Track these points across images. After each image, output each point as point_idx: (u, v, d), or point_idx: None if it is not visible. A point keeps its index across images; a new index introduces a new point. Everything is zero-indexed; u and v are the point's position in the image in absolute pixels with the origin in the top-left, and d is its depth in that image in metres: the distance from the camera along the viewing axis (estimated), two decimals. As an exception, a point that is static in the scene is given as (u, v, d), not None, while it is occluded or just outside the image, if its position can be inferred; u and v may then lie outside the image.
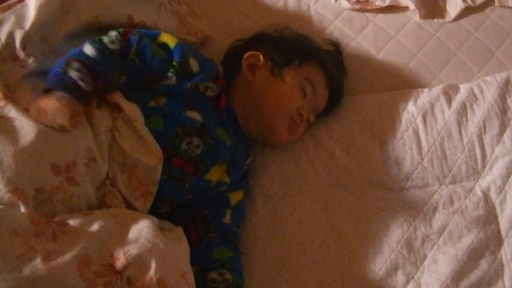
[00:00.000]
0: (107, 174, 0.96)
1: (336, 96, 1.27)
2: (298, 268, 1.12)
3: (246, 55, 1.19)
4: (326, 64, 1.25)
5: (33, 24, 1.02)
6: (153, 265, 0.83)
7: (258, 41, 1.25)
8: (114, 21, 1.12)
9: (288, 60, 1.19)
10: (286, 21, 1.38)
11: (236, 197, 1.15)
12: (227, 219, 1.12)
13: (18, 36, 1.01)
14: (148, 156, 0.98)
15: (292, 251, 1.13)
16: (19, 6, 1.05)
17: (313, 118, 1.23)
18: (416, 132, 1.23)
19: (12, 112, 0.91)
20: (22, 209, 0.84)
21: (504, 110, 1.25)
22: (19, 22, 1.02)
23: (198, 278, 1.02)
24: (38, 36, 1.03)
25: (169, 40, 1.09)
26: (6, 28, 1.02)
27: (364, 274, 1.10)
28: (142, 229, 0.88)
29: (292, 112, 1.17)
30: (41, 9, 1.03)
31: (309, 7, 1.43)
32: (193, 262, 0.99)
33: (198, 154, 1.05)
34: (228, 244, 1.10)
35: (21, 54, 1.01)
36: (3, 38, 1.01)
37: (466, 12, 1.42)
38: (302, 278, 1.11)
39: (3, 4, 1.06)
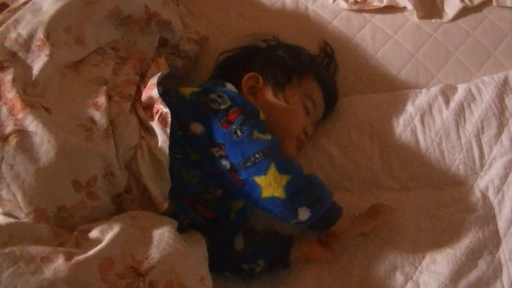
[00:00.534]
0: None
1: (332, 103, 1.26)
2: (296, 269, 1.12)
3: (246, 77, 1.17)
4: (321, 75, 1.24)
5: (56, 14, 1.02)
6: (174, 270, 0.83)
7: (250, 57, 1.24)
8: (133, 10, 1.13)
9: (287, 79, 1.17)
10: (284, 22, 1.38)
11: (237, 205, 1.13)
12: (232, 216, 1.11)
13: (41, 27, 1.00)
14: (157, 190, 0.98)
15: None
16: (29, 4, 1.05)
17: (313, 132, 1.23)
18: (414, 133, 1.23)
19: (32, 125, 0.89)
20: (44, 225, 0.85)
21: (502, 110, 1.25)
22: (37, 17, 1.02)
23: (251, 237, 1.10)
24: (61, 26, 1.02)
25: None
26: (25, 23, 1.01)
27: (363, 275, 1.10)
28: (163, 233, 0.89)
29: (299, 133, 1.17)
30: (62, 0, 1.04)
31: (307, 8, 1.43)
32: (237, 231, 1.09)
33: (219, 197, 1.05)
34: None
35: (45, 45, 0.99)
36: (24, 33, 1.00)
37: (464, 12, 1.42)
38: (300, 279, 1.11)
39: (9, 8, 1.06)
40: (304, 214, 0.98)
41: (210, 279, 0.92)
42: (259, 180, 0.96)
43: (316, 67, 1.26)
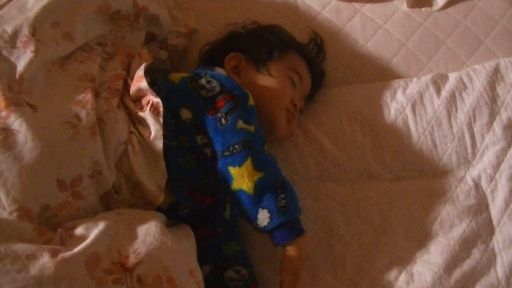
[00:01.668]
0: (113, 183, 0.96)
1: (318, 79, 1.27)
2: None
3: (227, 58, 1.19)
4: (304, 50, 1.26)
5: (42, 9, 1.00)
6: (162, 263, 0.83)
7: (231, 41, 1.25)
8: (122, 5, 1.12)
9: (269, 54, 1.19)
10: (273, 13, 1.37)
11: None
12: (227, 214, 1.11)
13: (26, 23, 0.98)
14: (152, 184, 0.97)
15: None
16: (14, 0, 1.03)
17: (303, 105, 1.24)
18: (405, 122, 1.23)
19: (15, 123, 0.88)
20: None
21: (493, 99, 1.25)
22: (22, 13, 1.00)
23: (215, 276, 1.04)
24: (48, 21, 1.01)
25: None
26: (10, 19, 0.99)
27: (357, 265, 1.10)
28: (149, 228, 0.88)
29: (287, 105, 1.18)
30: None
31: (296, -2, 1.42)
32: (207, 261, 1.02)
33: (215, 182, 1.04)
34: (235, 237, 1.10)
35: (31, 41, 0.98)
36: (9, 29, 0.98)
37: (454, 0, 1.41)
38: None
39: None
40: (263, 218, 0.95)
41: (200, 271, 0.91)
42: (233, 170, 0.97)
43: (296, 42, 1.27)
